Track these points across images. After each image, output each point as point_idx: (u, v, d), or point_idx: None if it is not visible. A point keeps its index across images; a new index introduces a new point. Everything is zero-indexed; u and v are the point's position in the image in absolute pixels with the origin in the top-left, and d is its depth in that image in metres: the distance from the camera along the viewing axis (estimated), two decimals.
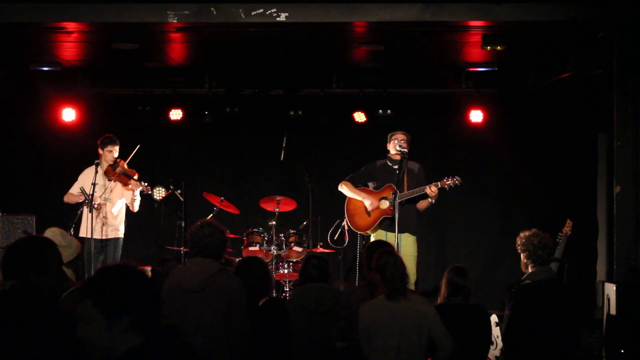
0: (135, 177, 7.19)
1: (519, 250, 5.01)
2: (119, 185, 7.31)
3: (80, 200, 7.09)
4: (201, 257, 4.44)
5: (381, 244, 5.28)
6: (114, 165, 7.25)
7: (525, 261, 4.99)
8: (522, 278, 4.97)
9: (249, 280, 4.54)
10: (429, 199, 6.50)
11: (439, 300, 4.89)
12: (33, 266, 3.22)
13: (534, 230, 5.02)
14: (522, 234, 5.02)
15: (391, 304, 4.23)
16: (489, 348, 4.99)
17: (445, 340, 4.26)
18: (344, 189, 6.81)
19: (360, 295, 4.47)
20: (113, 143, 7.27)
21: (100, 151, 7.31)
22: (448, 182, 6.44)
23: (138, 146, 7.36)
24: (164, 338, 2.51)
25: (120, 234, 7.38)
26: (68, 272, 4.13)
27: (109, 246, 7.25)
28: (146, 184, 7.22)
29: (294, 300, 4.87)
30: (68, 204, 7.50)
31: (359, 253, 7.11)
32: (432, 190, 6.39)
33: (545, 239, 4.97)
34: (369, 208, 6.63)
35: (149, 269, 6.35)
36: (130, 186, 7.16)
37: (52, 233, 4.23)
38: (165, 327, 2.74)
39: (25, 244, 3.31)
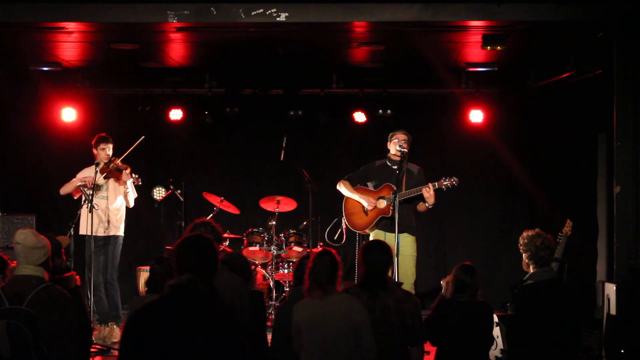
0: (128, 170, 7.22)
1: (521, 251, 5.02)
2: (115, 182, 7.36)
3: (76, 193, 7.17)
4: None
5: (376, 243, 5.20)
6: (108, 162, 7.30)
7: (527, 261, 5.00)
8: (525, 278, 4.98)
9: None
10: (426, 204, 6.44)
11: (446, 295, 4.91)
12: (213, 264, 3.36)
13: (536, 230, 5.03)
14: (524, 234, 5.03)
15: (322, 304, 4.19)
16: (491, 344, 5.00)
17: (370, 349, 4.18)
18: (342, 188, 6.81)
19: (355, 294, 4.47)
20: (105, 141, 7.34)
21: (95, 151, 7.35)
22: (445, 183, 6.41)
23: (142, 137, 7.38)
24: None
25: (120, 232, 7.40)
26: (39, 270, 4.15)
27: (109, 244, 7.28)
28: (136, 176, 7.27)
29: (289, 302, 4.88)
30: (66, 203, 7.51)
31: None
32: (428, 191, 6.34)
33: (548, 240, 4.98)
34: (368, 208, 6.62)
35: (148, 268, 6.37)
36: (122, 180, 7.22)
37: (25, 235, 4.19)
38: None
39: (206, 242, 3.40)
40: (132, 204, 7.45)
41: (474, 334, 4.78)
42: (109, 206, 7.30)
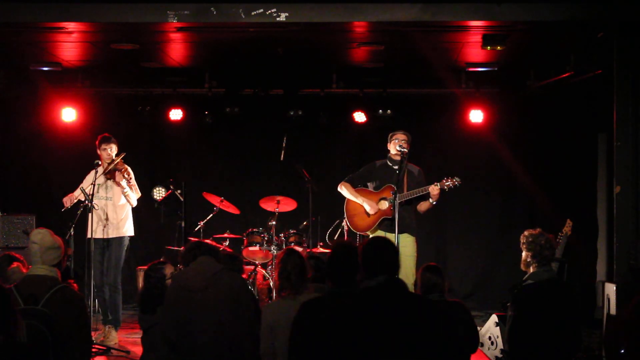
0: (123, 171, 7.17)
1: (523, 249, 4.99)
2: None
3: (68, 206, 7.13)
4: (207, 256, 4.47)
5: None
6: (109, 163, 7.28)
7: (528, 260, 4.97)
8: (525, 278, 4.97)
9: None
10: (430, 200, 6.46)
11: None
12: (398, 264, 3.57)
13: (538, 229, 5.01)
14: (527, 233, 5.01)
15: (295, 303, 4.09)
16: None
17: None
18: (344, 190, 6.79)
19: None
20: (108, 142, 7.29)
21: (98, 151, 7.33)
22: (447, 183, 6.42)
23: (123, 154, 7.29)
24: None
25: (124, 232, 7.32)
26: (53, 271, 4.16)
27: (112, 245, 7.24)
28: (129, 176, 7.17)
29: None
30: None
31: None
32: (434, 190, 6.37)
33: (551, 240, 4.97)
34: (370, 212, 6.60)
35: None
36: (116, 180, 7.18)
37: (42, 235, 4.18)
38: None
39: (390, 244, 3.63)
40: (134, 203, 7.40)
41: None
42: (114, 206, 7.26)
